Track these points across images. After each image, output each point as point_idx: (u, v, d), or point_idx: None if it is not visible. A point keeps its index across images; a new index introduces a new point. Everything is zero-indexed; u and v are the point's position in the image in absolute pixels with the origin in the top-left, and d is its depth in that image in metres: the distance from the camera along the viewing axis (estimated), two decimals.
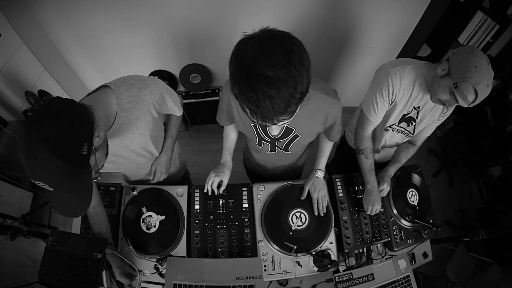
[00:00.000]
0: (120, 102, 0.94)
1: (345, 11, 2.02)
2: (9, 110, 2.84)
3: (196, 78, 2.51)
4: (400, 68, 1.17)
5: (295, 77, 0.64)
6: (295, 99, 0.66)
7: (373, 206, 1.28)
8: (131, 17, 1.99)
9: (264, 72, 0.62)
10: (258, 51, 0.64)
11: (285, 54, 0.63)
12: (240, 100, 0.69)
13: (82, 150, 0.71)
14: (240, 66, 0.66)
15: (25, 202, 2.39)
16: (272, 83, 0.62)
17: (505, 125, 2.31)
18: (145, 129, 1.07)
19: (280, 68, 0.62)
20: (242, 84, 0.65)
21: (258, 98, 0.64)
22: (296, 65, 0.64)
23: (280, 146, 1.16)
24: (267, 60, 0.63)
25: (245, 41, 0.67)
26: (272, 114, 0.67)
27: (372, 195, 1.29)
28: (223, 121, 1.23)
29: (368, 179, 1.31)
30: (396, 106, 1.23)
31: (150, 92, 1.01)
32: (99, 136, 0.79)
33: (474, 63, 0.97)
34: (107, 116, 0.91)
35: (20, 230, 1.41)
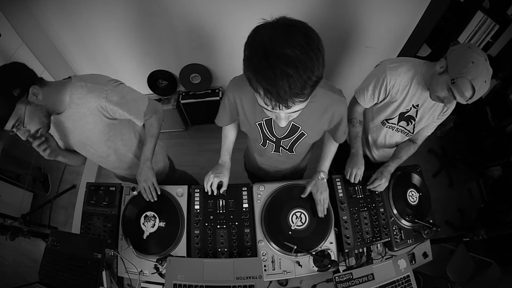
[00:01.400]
0: (72, 95, 1.06)
1: (345, 11, 2.02)
2: None
3: (196, 78, 2.51)
4: (398, 64, 1.20)
5: (313, 60, 0.65)
6: (312, 81, 0.67)
7: (353, 169, 1.31)
8: (131, 17, 1.99)
9: (283, 51, 0.63)
10: (277, 34, 0.65)
11: (304, 38, 0.64)
12: (255, 80, 0.68)
13: (14, 90, 0.91)
14: (257, 47, 0.66)
15: (25, 202, 2.39)
16: (291, 62, 0.63)
17: (505, 125, 2.31)
18: (94, 126, 1.13)
19: (299, 49, 0.63)
20: (259, 63, 0.65)
21: (276, 76, 0.63)
22: (314, 49, 0.65)
23: (285, 146, 1.16)
24: (287, 41, 0.63)
25: (263, 26, 0.68)
26: (288, 94, 0.66)
27: (355, 158, 1.35)
28: (223, 121, 1.22)
29: (353, 144, 1.39)
30: (393, 101, 1.25)
31: (96, 96, 1.06)
32: (35, 95, 0.96)
33: (471, 58, 0.98)
34: (58, 100, 1.05)
35: (20, 230, 1.41)
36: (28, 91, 0.95)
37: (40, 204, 2.42)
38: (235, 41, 2.18)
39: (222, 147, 1.32)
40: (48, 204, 2.36)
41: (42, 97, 0.99)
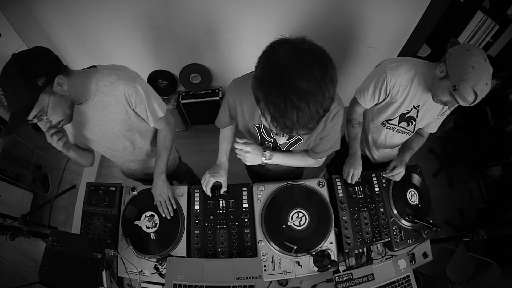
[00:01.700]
0: (99, 82, 1.04)
1: (345, 11, 2.02)
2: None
3: (196, 78, 2.51)
4: (398, 64, 1.19)
5: (324, 94, 0.64)
6: (319, 115, 0.66)
7: (351, 169, 1.32)
8: (131, 17, 1.99)
9: (298, 83, 0.61)
10: (294, 60, 0.63)
11: (321, 70, 0.63)
12: (263, 104, 0.66)
13: (38, 79, 0.86)
14: (272, 70, 0.64)
15: (25, 202, 2.39)
16: (303, 96, 0.62)
17: (505, 125, 2.31)
18: (117, 116, 1.12)
19: (314, 82, 0.62)
20: (271, 88, 0.64)
21: (286, 107, 0.62)
22: (328, 83, 0.64)
23: (282, 147, 1.17)
24: (303, 72, 0.62)
25: (280, 44, 0.66)
26: (294, 126, 0.66)
27: (353, 158, 1.35)
28: (224, 123, 1.21)
29: (352, 145, 1.40)
30: (393, 101, 1.25)
31: (126, 84, 1.06)
32: (60, 86, 0.92)
33: (470, 63, 0.97)
34: (83, 90, 1.02)
35: (20, 230, 1.40)
36: (53, 81, 0.91)
37: (40, 204, 2.42)
38: (235, 41, 2.19)
39: (220, 148, 1.32)
40: (48, 204, 2.36)
41: (67, 87, 0.95)
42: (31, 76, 0.86)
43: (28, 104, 0.87)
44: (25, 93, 0.86)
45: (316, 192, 1.34)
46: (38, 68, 0.87)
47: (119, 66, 1.12)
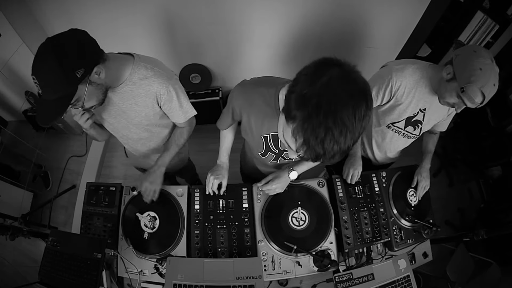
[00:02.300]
0: (133, 73, 1.03)
1: (345, 12, 2.01)
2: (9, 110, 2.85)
3: (196, 78, 2.51)
4: (404, 66, 1.18)
5: (360, 132, 0.64)
6: (348, 150, 0.65)
7: (350, 169, 1.33)
8: (131, 17, 1.99)
9: (344, 118, 0.60)
10: (345, 91, 0.62)
11: (365, 109, 0.63)
12: (299, 125, 0.64)
13: (77, 71, 0.83)
14: (320, 95, 0.61)
15: (25, 202, 2.39)
16: (345, 132, 0.61)
17: (505, 125, 2.31)
18: (142, 109, 1.12)
19: (357, 121, 0.62)
20: (316, 114, 0.61)
21: (325, 139, 0.61)
22: (366, 121, 0.64)
23: (286, 157, 1.15)
24: (352, 108, 0.61)
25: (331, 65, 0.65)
26: (323, 156, 0.64)
27: (353, 159, 1.36)
28: (225, 126, 1.21)
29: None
30: (399, 103, 1.24)
31: (160, 83, 1.06)
32: (97, 74, 0.90)
33: (478, 65, 0.97)
34: (116, 75, 1.01)
35: (20, 230, 1.41)
36: (92, 71, 0.88)
37: (40, 204, 2.42)
38: (235, 41, 2.18)
39: (220, 148, 1.31)
40: (48, 204, 2.36)
41: (104, 75, 0.93)
42: (70, 68, 0.82)
43: (67, 95, 0.86)
44: (63, 85, 0.84)
45: (316, 192, 1.34)
46: (76, 59, 0.84)
47: (157, 61, 1.12)
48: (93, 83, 0.92)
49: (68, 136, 2.93)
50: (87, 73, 0.87)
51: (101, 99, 1.00)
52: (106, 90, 1.00)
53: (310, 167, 1.27)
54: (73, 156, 2.77)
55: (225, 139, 1.31)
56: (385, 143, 1.47)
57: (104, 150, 2.81)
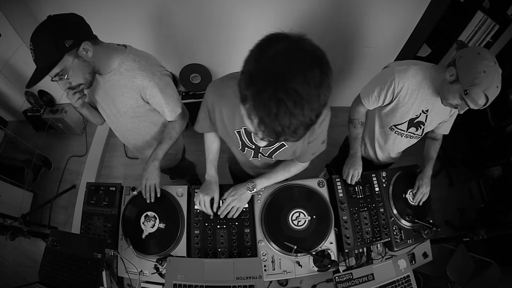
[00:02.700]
0: (121, 63, 1.09)
1: (344, 11, 2.02)
2: (9, 110, 2.85)
3: (196, 78, 2.51)
4: (407, 67, 1.18)
5: (320, 101, 0.59)
6: (311, 122, 0.60)
7: (351, 170, 1.33)
8: (131, 18, 1.99)
9: (295, 87, 0.55)
10: (293, 59, 0.57)
11: (321, 75, 0.57)
12: (251, 105, 0.59)
13: (66, 40, 0.94)
14: (267, 68, 0.57)
15: (25, 202, 2.39)
16: (299, 101, 0.56)
17: (505, 125, 2.31)
18: (128, 100, 1.16)
19: (313, 88, 0.56)
20: (264, 88, 0.56)
21: (278, 112, 0.56)
22: (326, 89, 0.59)
23: (264, 153, 1.12)
24: (303, 75, 0.56)
25: (277, 40, 0.59)
26: (283, 132, 0.59)
27: (353, 159, 1.36)
28: (204, 127, 1.17)
29: (353, 145, 1.40)
30: (401, 105, 1.23)
31: (144, 76, 1.09)
32: (85, 51, 0.99)
33: (482, 68, 0.97)
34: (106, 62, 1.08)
35: (20, 230, 1.41)
36: (80, 45, 0.97)
37: (40, 204, 2.42)
38: (235, 41, 2.18)
39: (206, 160, 1.28)
40: (48, 204, 2.36)
41: (92, 55, 1.01)
42: (61, 37, 0.93)
43: (53, 61, 0.95)
44: (52, 51, 0.93)
45: (316, 192, 1.34)
46: (68, 30, 0.95)
47: (149, 56, 1.16)
48: (80, 58, 1.00)
49: (68, 136, 2.93)
50: (75, 45, 0.96)
51: (88, 80, 1.06)
52: (93, 71, 1.06)
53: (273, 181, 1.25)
54: (73, 156, 2.78)
55: (209, 150, 1.27)
56: (388, 145, 1.47)
57: (104, 150, 2.81)
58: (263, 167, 1.28)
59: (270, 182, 1.26)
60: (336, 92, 2.86)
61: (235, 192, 1.26)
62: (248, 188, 1.24)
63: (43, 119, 2.72)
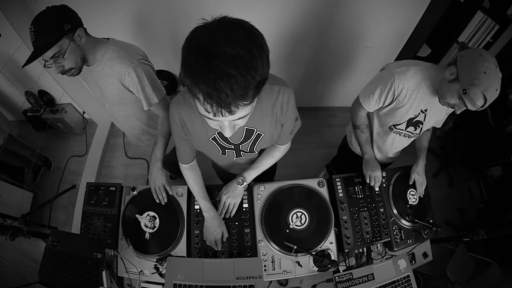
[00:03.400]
0: (104, 54, 1.18)
1: (344, 11, 2.02)
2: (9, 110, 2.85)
3: None
4: (406, 68, 1.17)
5: (256, 58, 0.58)
6: (255, 81, 0.59)
7: (372, 174, 1.33)
8: (131, 18, 1.99)
9: (223, 48, 0.56)
10: (216, 31, 0.59)
11: (245, 33, 0.58)
12: (193, 83, 0.59)
13: (65, 24, 1.05)
14: (194, 46, 0.59)
15: (25, 202, 2.39)
16: (231, 60, 0.56)
17: (505, 125, 2.31)
18: (113, 87, 1.23)
19: (240, 45, 0.57)
20: (196, 63, 0.57)
21: (215, 76, 0.56)
22: (257, 46, 0.59)
23: (245, 149, 1.10)
24: (227, 38, 0.57)
25: (201, 26, 0.62)
26: (230, 97, 0.58)
27: (370, 163, 1.37)
28: (187, 155, 1.15)
29: (365, 150, 1.41)
30: (400, 106, 1.23)
31: (121, 64, 1.16)
32: (79, 37, 1.10)
33: (482, 68, 0.97)
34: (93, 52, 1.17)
35: (20, 230, 1.40)
36: (76, 31, 1.08)
37: (40, 204, 2.42)
38: None
39: (196, 197, 1.27)
40: (48, 204, 2.36)
41: (84, 42, 1.12)
42: (60, 20, 1.04)
43: (53, 40, 1.03)
44: (52, 32, 1.03)
45: (316, 192, 1.34)
46: (67, 16, 1.07)
47: (128, 45, 1.24)
48: (75, 42, 1.09)
49: (68, 136, 2.93)
50: (73, 30, 1.07)
51: (79, 65, 1.14)
52: (83, 58, 1.15)
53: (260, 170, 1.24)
54: (73, 156, 2.78)
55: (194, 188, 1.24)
56: (386, 145, 1.47)
57: (104, 150, 2.81)
58: (249, 163, 1.27)
59: (258, 172, 1.25)
60: (336, 92, 2.86)
61: (227, 190, 1.27)
62: (238, 183, 1.24)
63: (43, 119, 2.72)
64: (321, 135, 2.85)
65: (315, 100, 2.98)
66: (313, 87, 2.77)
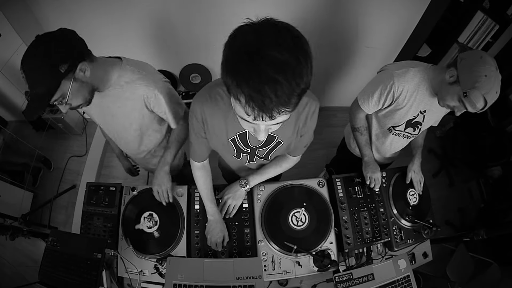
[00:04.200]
0: (120, 77, 1.05)
1: (345, 11, 2.02)
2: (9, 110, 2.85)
3: (196, 78, 2.51)
4: (406, 70, 1.16)
5: (302, 65, 0.57)
6: (300, 89, 0.59)
7: (373, 176, 1.33)
8: (132, 18, 1.99)
9: (271, 53, 0.55)
10: (263, 34, 0.57)
11: (293, 40, 0.58)
12: (235, 84, 0.58)
13: (61, 66, 0.86)
14: (240, 47, 0.57)
15: (25, 202, 2.39)
16: (279, 66, 0.55)
17: (505, 125, 2.31)
18: (131, 112, 1.14)
19: (289, 52, 0.56)
20: (242, 65, 0.56)
21: (261, 81, 0.55)
22: (304, 53, 0.58)
23: (260, 155, 1.10)
24: (275, 42, 0.56)
25: (247, 26, 0.60)
26: (274, 102, 0.57)
27: (370, 165, 1.36)
28: (203, 152, 1.12)
29: (365, 152, 1.41)
30: (399, 107, 1.23)
31: (146, 86, 1.06)
32: (83, 72, 0.92)
33: (483, 71, 0.97)
34: (104, 78, 1.03)
35: (20, 230, 1.40)
36: (76, 67, 0.91)
37: (40, 204, 2.42)
38: None
39: (203, 198, 1.25)
40: (48, 204, 2.36)
41: (90, 74, 0.95)
42: (54, 63, 0.85)
43: (50, 90, 0.88)
44: (46, 79, 0.86)
45: (316, 192, 1.34)
46: (61, 54, 0.86)
47: (146, 65, 1.13)
48: (78, 80, 0.93)
49: (68, 136, 2.93)
50: (71, 69, 0.89)
51: (88, 98, 1.00)
52: (93, 90, 1.01)
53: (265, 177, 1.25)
54: (73, 156, 2.78)
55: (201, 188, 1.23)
56: (385, 146, 1.47)
57: (104, 150, 2.81)
58: (257, 168, 1.28)
59: (263, 178, 1.25)
60: (336, 92, 2.86)
61: (229, 191, 1.27)
62: (241, 185, 1.25)
63: (43, 119, 2.72)
64: (321, 135, 2.85)
65: None
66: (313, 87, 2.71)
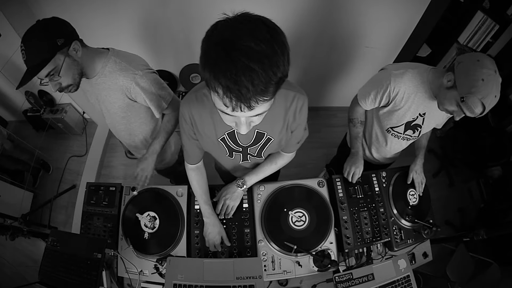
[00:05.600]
0: (104, 66, 1.12)
1: (345, 11, 2.02)
2: (9, 110, 2.85)
3: (196, 78, 2.51)
4: (404, 71, 1.16)
5: (278, 55, 0.59)
6: (277, 77, 0.60)
7: (352, 167, 1.33)
8: (132, 18, 1.99)
9: (246, 43, 0.56)
10: (239, 26, 0.59)
11: (269, 31, 0.59)
12: (212, 77, 0.59)
13: (58, 39, 0.97)
14: (216, 40, 0.59)
15: (25, 202, 2.39)
16: (255, 56, 0.56)
17: (505, 125, 2.31)
18: (116, 100, 1.19)
19: (264, 42, 0.57)
20: (218, 56, 0.57)
21: (237, 71, 0.55)
22: (280, 43, 0.59)
23: (253, 153, 1.10)
24: (250, 34, 0.57)
25: (223, 20, 0.62)
26: (251, 92, 0.58)
27: (355, 157, 1.36)
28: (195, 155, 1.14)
29: (354, 144, 1.41)
30: (397, 108, 1.23)
31: (125, 76, 1.12)
32: (75, 51, 1.03)
33: (480, 76, 0.94)
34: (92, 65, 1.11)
35: (20, 230, 1.40)
36: (70, 45, 1.01)
37: (40, 204, 2.42)
38: None
39: (199, 201, 1.25)
40: (48, 204, 2.36)
41: (81, 55, 1.05)
42: (53, 36, 0.97)
43: (46, 58, 0.96)
44: (44, 49, 0.96)
45: (316, 192, 1.34)
46: (59, 30, 0.99)
47: (131, 56, 1.18)
48: (70, 57, 1.03)
49: (68, 136, 2.93)
50: (66, 44, 1.00)
51: (77, 80, 1.09)
52: (81, 73, 1.09)
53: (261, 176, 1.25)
54: (73, 156, 2.78)
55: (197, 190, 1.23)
56: (385, 147, 1.47)
57: (104, 150, 2.81)
58: (252, 168, 1.27)
59: (259, 177, 1.26)
60: (336, 91, 2.87)
61: (226, 191, 1.27)
62: (238, 186, 1.25)
63: (43, 119, 2.72)
64: (321, 135, 2.85)
65: (315, 100, 2.98)
66: (313, 87, 2.77)
